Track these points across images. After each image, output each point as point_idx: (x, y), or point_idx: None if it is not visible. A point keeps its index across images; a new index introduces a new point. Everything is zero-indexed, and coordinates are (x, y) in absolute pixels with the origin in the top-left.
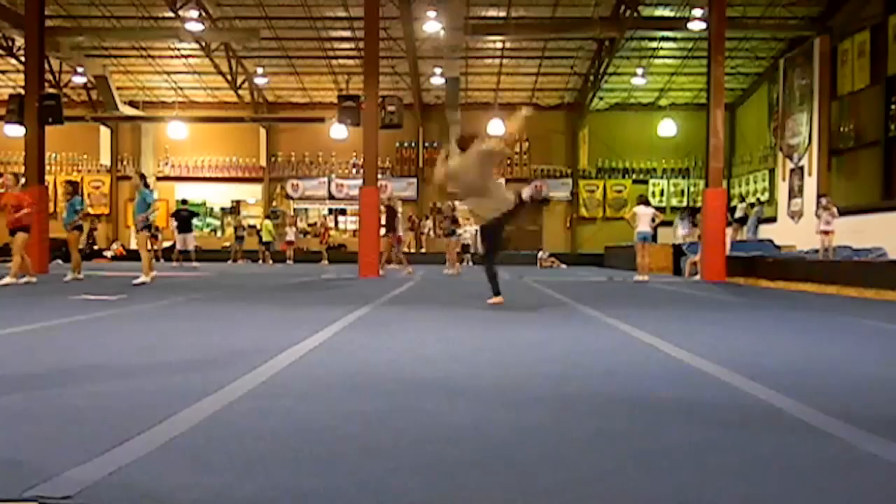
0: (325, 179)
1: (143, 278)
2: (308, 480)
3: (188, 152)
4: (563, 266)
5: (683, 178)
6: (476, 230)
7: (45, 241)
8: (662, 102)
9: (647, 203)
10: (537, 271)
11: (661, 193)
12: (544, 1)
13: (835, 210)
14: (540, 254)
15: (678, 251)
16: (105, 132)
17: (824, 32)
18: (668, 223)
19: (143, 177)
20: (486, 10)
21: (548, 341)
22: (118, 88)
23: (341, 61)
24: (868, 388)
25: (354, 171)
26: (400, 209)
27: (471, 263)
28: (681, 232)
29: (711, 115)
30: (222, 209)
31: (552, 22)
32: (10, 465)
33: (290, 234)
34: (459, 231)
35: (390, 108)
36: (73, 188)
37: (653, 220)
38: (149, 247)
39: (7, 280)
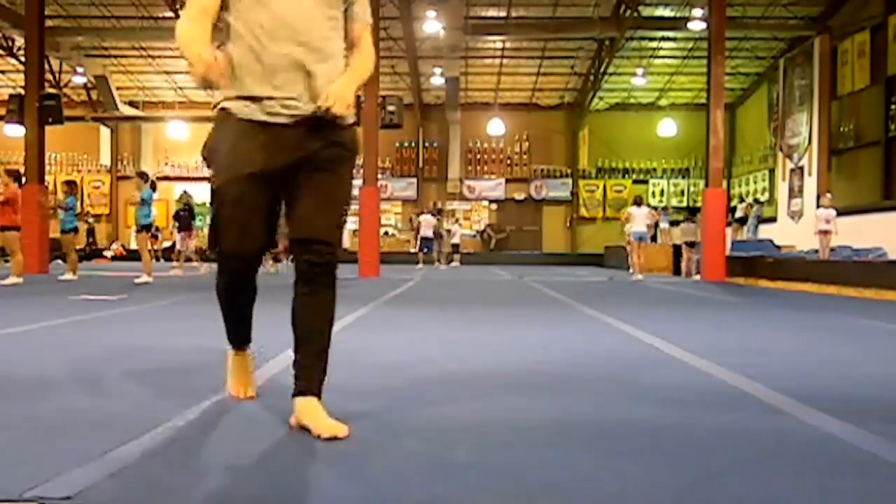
0: None
1: (144, 278)
2: (308, 480)
3: (188, 152)
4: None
5: (683, 178)
6: (475, 232)
7: (45, 242)
8: (662, 102)
9: (640, 203)
10: (537, 271)
11: (662, 193)
12: (544, 1)
13: (832, 211)
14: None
15: (678, 251)
16: (105, 132)
17: (824, 32)
18: (675, 222)
19: (143, 175)
20: (486, 10)
21: (547, 341)
22: (118, 88)
23: None
24: (869, 387)
25: (354, 171)
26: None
27: (456, 263)
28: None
29: (711, 115)
30: None
31: (552, 22)
32: (11, 465)
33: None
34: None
35: (390, 108)
36: (71, 188)
37: (650, 219)
38: (148, 247)
39: (13, 280)
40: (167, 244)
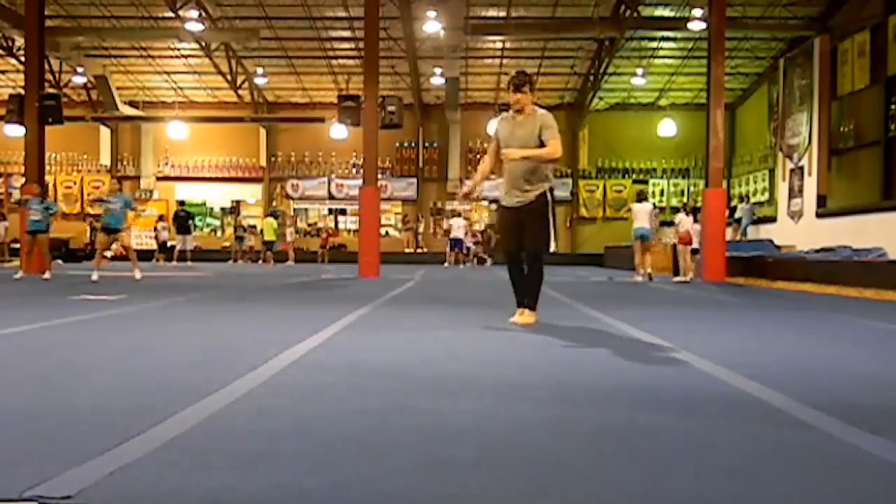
0: (325, 179)
1: (139, 273)
2: (308, 480)
3: (188, 152)
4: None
5: (683, 178)
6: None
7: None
8: (662, 102)
9: (642, 199)
10: None
11: (661, 193)
12: (544, 1)
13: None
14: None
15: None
16: (105, 132)
17: (824, 32)
18: (669, 223)
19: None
20: (486, 10)
21: (547, 341)
22: (118, 88)
23: (341, 61)
24: (869, 388)
25: (354, 171)
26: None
27: (475, 263)
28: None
29: (711, 115)
30: (222, 209)
31: (552, 22)
32: (11, 465)
33: (289, 235)
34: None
35: (390, 108)
36: (45, 190)
37: (654, 217)
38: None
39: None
40: (172, 244)
